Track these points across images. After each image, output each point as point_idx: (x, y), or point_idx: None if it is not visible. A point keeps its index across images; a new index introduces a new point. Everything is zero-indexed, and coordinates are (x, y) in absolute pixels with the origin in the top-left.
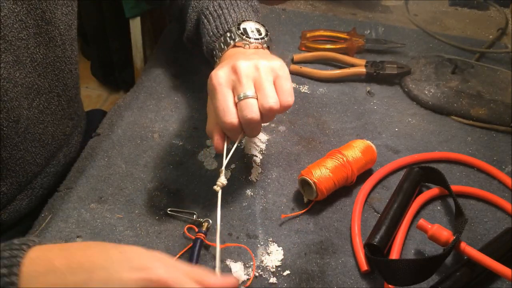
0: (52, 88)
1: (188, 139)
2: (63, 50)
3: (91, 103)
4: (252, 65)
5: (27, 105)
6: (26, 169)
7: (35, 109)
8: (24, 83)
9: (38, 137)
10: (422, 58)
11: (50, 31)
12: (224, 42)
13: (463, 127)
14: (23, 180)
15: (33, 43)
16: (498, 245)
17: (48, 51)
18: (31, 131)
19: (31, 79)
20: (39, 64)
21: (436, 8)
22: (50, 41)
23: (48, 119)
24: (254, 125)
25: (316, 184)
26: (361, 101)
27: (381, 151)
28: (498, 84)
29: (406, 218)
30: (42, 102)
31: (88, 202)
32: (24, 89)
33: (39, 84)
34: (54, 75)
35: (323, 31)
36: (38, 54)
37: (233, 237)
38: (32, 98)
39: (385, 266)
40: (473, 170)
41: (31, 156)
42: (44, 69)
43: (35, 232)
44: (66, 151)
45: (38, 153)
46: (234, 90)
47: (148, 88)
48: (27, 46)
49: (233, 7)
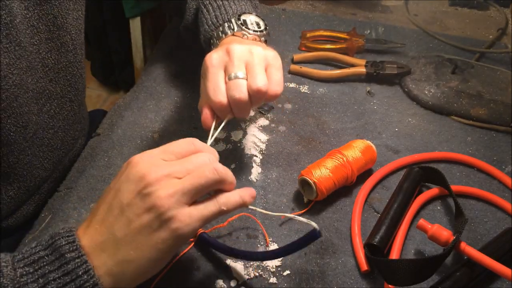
0: (65, 93)
1: None
2: (74, 55)
3: (91, 103)
4: (246, 49)
5: (36, 111)
6: (34, 174)
7: (45, 114)
8: (35, 88)
9: (46, 142)
10: (422, 58)
11: (62, 36)
12: (222, 31)
13: (463, 127)
14: (31, 185)
15: (45, 48)
16: (498, 245)
17: (60, 56)
18: (39, 136)
19: (42, 84)
20: (50, 69)
21: (436, 8)
22: (62, 46)
23: (59, 124)
24: (242, 106)
25: (316, 184)
26: (361, 101)
27: (381, 151)
28: (498, 84)
29: (406, 218)
30: (54, 107)
31: (88, 202)
32: (34, 95)
33: (50, 90)
34: (66, 80)
35: (323, 31)
36: (50, 60)
37: (233, 237)
38: (43, 104)
39: (385, 266)
40: (473, 170)
41: (39, 161)
42: (56, 74)
43: (35, 232)
44: (71, 155)
45: (46, 157)
46: (225, 71)
47: (148, 88)
48: (39, 51)
49: (234, 0)
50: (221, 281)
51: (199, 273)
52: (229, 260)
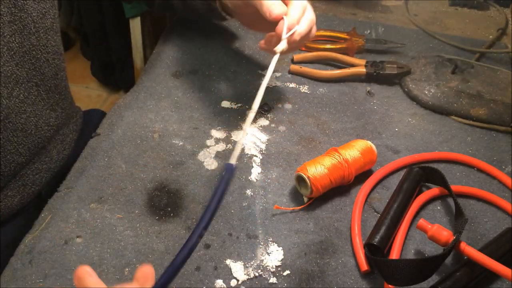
0: (30, 78)
1: (188, 139)
2: (37, 38)
3: (91, 103)
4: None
5: (6, 94)
6: (9, 159)
7: (16, 98)
8: (2, 71)
9: (20, 127)
10: (422, 58)
11: (23, 18)
12: None
13: (463, 127)
14: (6, 170)
15: (8, 31)
16: (498, 245)
17: (23, 39)
18: (12, 120)
19: (9, 68)
20: (15, 53)
21: (436, 8)
22: (24, 29)
23: (30, 109)
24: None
25: (310, 180)
26: (361, 101)
27: (381, 151)
28: (498, 84)
29: (406, 218)
30: (22, 92)
31: (88, 202)
32: (3, 78)
33: (17, 74)
34: (31, 64)
35: (323, 31)
36: (14, 43)
37: (233, 237)
38: (12, 87)
39: (385, 266)
40: (473, 170)
41: (13, 146)
42: (21, 58)
43: (35, 232)
44: (60, 147)
45: (21, 143)
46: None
47: (148, 88)
48: (3, 34)
49: None
50: (221, 281)
51: (199, 273)
52: (229, 260)
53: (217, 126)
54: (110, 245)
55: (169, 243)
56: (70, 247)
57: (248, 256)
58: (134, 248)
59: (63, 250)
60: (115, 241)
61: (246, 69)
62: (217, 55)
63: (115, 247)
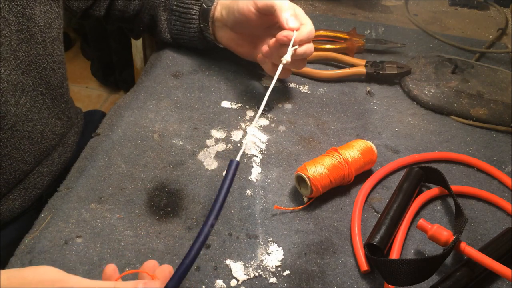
0: (36, 86)
1: (188, 139)
2: (44, 47)
3: (91, 103)
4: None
5: (14, 102)
6: (14, 167)
7: (23, 106)
8: (9, 80)
9: (27, 135)
10: (422, 58)
11: (31, 28)
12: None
13: (463, 127)
14: (10, 177)
15: (16, 40)
16: (498, 245)
17: (30, 48)
18: (19, 129)
19: (16, 76)
20: (22, 61)
21: (436, 8)
22: (31, 38)
23: (36, 118)
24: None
25: (310, 180)
26: (361, 101)
27: (381, 151)
28: (498, 84)
29: (406, 218)
30: (28, 100)
31: (88, 202)
32: (10, 86)
33: (23, 82)
34: (37, 73)
35: (323, 31)
36: (21, 52)
37: (233, 237)
38: (19, 96)
39: (385, 266)
40: (473, 170)
41: (20, 154)
42: (27, 66)
43: (35, 232)
44: (61, 151)
45: (27, 151)
46: None
47: (148, 88)
48: (10, 43)
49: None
50: (221, 281)
51: (199, 273)
52: (229, 260)
53: (217, 126)
54: (110, 245)
55: (169, 243)
56: (70, 247)
57: (248, 256)
58: (134, 248)
59: (63, 250)
60: (115, 241)
61: (246, 69)
62: (217, 55)
63: (115, 247)
